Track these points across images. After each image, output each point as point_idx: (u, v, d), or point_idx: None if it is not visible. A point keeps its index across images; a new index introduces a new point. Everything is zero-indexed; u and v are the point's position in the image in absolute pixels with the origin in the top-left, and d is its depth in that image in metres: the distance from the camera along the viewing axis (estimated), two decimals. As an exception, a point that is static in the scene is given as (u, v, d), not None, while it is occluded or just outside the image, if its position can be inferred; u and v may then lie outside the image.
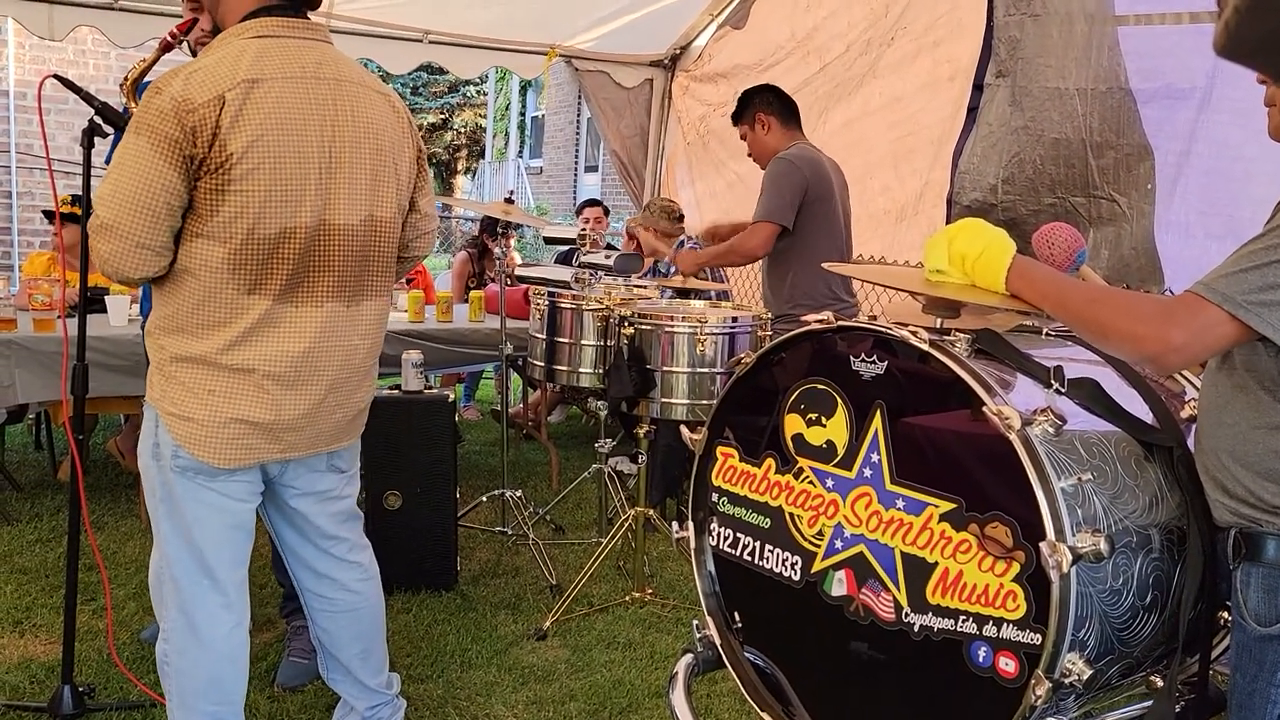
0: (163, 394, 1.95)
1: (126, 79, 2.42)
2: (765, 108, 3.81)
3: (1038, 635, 1.47)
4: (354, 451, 2.25)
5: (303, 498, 2.16)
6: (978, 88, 3.85)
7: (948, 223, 3.95)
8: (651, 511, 3.55)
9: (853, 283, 3.92)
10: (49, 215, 4.86)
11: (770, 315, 3.33)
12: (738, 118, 3.90)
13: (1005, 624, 1.51)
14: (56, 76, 2.39)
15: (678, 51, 6.18)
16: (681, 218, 5.19)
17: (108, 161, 2.84)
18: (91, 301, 3.88)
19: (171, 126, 1.78)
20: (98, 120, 2.32)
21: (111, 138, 2.40)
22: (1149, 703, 1.62)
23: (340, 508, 2.24)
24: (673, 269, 4.88)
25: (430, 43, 5.60)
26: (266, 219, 1.87)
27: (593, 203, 6.42)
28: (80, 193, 2.37)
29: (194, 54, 2.54)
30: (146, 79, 2.32)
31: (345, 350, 2.05)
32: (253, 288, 1.89)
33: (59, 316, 3.65)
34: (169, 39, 2.37)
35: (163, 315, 1.94)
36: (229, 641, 2.07)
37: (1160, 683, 1.61)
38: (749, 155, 3.92)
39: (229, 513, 2.02)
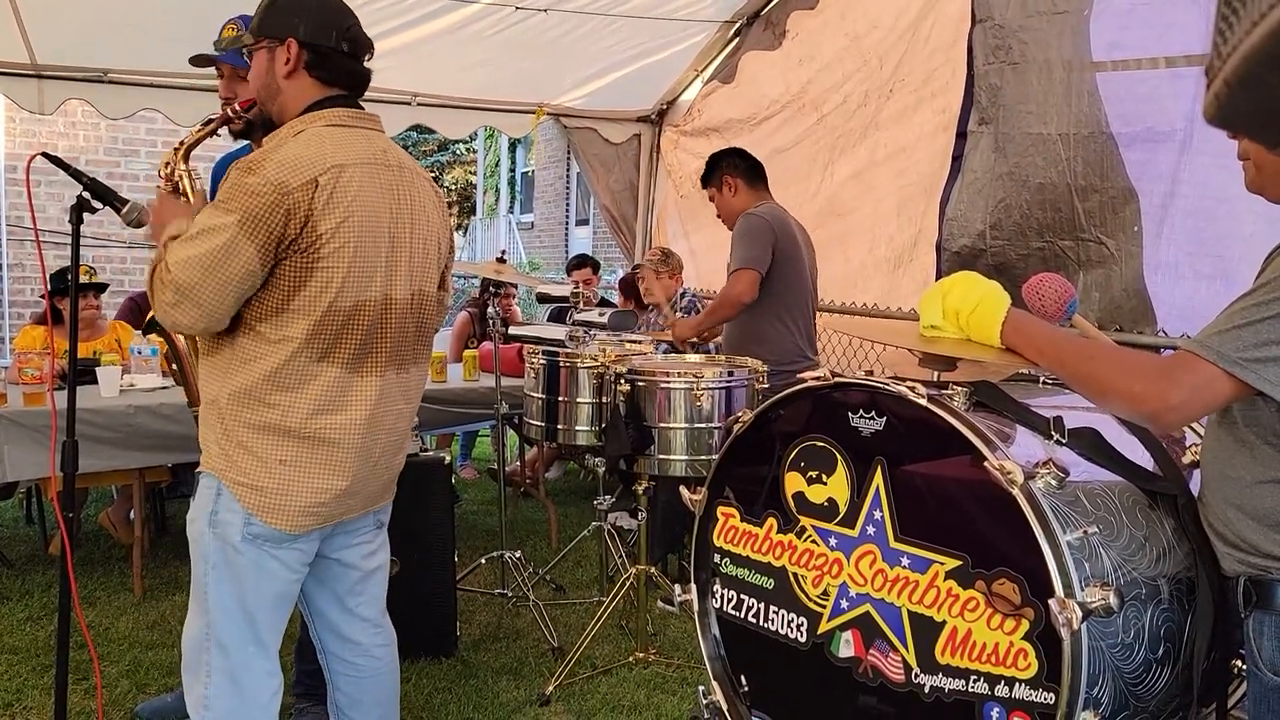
0: (229, 464, 1.99)
1: (182, 144, 2.39)
2: (732, 170, 3.86)
3: (1051, 694, 1.44)
4: (389, 505, 2.34)
5: (345, 550, 2.22)
6: (961, 135, 3.89)
7: (938, 269, 3.99)
8: (653, 569, 3.51)
9: (817, 340, 3.93)
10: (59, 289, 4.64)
11: (766, 369, 3.31)
12: (705, 181, 3.94)
13: (1017, 683, 1.48)
14: (45, 154, 2.40)
15: (664, 106, 6.25)
16: (668, 255, 5.13)
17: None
18: (82, 373, 3.87)
19: (263, 207, 1.86)
20: (86, 195, 2.33)
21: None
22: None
23: (375, 563, 2.30)
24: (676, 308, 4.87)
25: (419, 104, 5.66)
26: (345, 293, 1.97)
27: (581, 262, 6.38)
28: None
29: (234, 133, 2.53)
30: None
31: (395, 415, 2.15)
32: (323, 356, 1.98)
33: (49, 389, 3.62)
34: (230, 114, 2.39)
35: (231, 384, 1.99)
36: (270, 707, 2.11)
37: (1178, 737, 1.58)
38: (718, 216, 3.95)
39: (283, 581, 2.08)
